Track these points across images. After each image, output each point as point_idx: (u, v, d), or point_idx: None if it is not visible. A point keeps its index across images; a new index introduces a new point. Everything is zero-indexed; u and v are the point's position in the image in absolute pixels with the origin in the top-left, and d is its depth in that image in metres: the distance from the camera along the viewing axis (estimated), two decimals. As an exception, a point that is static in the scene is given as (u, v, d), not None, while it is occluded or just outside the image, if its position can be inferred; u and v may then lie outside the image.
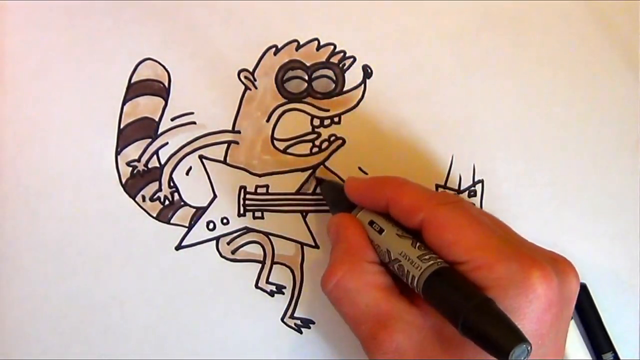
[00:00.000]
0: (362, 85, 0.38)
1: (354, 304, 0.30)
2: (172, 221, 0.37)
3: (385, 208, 0.32)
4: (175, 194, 0.37)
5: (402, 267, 0.30)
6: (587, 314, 0.38)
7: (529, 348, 0.25)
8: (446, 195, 0.31)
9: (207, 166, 0.37)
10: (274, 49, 0.37)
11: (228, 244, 0.37)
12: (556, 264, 0.30)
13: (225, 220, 0.37)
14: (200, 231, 0.37)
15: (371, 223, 0.32)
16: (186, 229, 0.37)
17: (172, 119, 0.37)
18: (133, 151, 0.37)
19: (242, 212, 0.37)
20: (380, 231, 0.31)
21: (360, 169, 0.38)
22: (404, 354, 0.29)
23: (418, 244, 0.30)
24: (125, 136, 0.37)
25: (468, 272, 0.28)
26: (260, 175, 0.37)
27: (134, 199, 0.37)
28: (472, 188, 0.38)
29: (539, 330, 0.28)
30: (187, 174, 0.37)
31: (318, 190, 0.37)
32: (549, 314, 0.28)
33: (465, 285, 0.28)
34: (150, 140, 0.37)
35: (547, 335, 0.28)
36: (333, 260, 0.32)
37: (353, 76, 0.38)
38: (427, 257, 0.29)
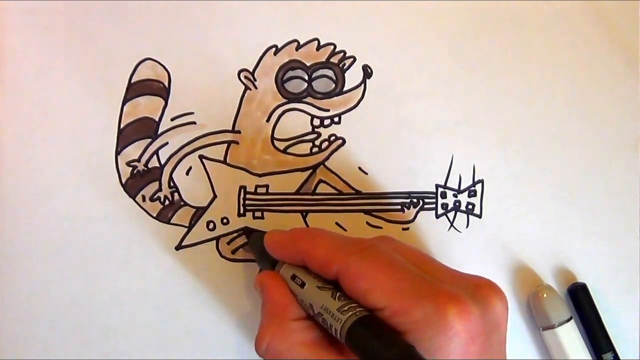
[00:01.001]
0: (362, 85, 0.38)
1: None
2: (172, 221, 0.37)
3: (304, 261, 0.32)
4: (175, 194, 0.37)
5: (325, 320, 0.30)
6: (587, 314, 0.38)
7: None
8: (359, 242, 0.31)
9: (207, 166, 0.37)
10: (274, 49, 0.37)
11: (228, 244, 0.37)
12: (477, 292, 0.29)
13: (225, 220, 0.37)
14: (200, 231, 0.37)
15: (293, 277, 0.32)
16: (186, 229, 0.37)
17: (172, 119, 0.37)
18: (133, 151, 0.37)
19: (242, 212, 0.37)
20: (302, 285, 0.31)
21: (360, 169, 0.38)
22: None
23: (338, 294, 0.30)
24: (125, 136, 0.37)
25: (387, 318, 0.28)
26: (260, 175, 0.37)
27: (134, 199, 0.37)
28: (472, 188, 0.38)
29: None
30: (187, 174, 0.37)
31: (318, 190, 0.37)
32: (474, 346, 0.28)
33: (385, 333, 0.28)
34: (150, 140, 0.37)
35: None
36: (261, 324, 0.32)
37: (353, 76, 0.38)
38: (346, 307, 0.29)
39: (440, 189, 0.38)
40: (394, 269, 0.30)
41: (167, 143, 0.37)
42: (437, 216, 0.38)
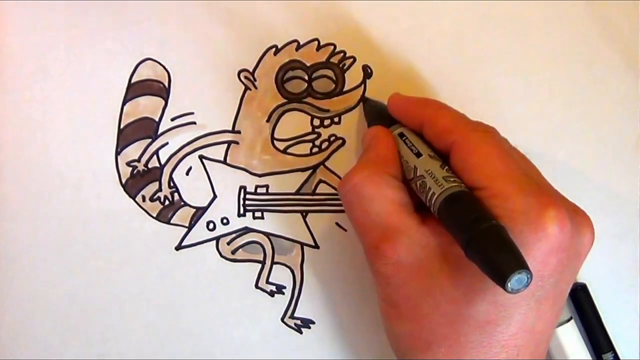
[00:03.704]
0: (362, 85, 0.38)
1: (365, 211, 0.30)
2: (172, 221, 0.37)
3: (421, 127, 0.32)
4: (175, 194, 0.37)
5: (424, 183, 0.30)
6: (587, 314, 0.38)
7: (529, 277, 0.25)
8: (481, 123, 0.31)
9: (207, 166, 0.37)
10: (274, 49, 0.37)
11: (228, 244, 0.37)
12: (575, 214, 0.29)
13: (225, 220, 0.37)
14: (200, 231, 0.37)
15: (405, 140, 0.32)
16: (186, 229, 0.37)
17: (172, 119, 0.37)
18: (133, 151, 0.37)
19: (242, 212, 0.37)
20: (412, 148, 0.32)
21: (360, 169, 0.38)
22: (404, 267, 0.29)
23: (446, 167, 0.30)
24: (125, 136, 0.37)
25: (485, 198, 0.28)
26: (260, 175, 0.37)
27: (134, 199, 0.37)
28: (472, 188, 0.38)
29: (540, 272, 0.28)
30: (187, 174, 0.37)
31: (318, 190, 0.37)
32: (555, 258, 0.28)
33: (480, 210, 0.28)
34: (150, 140, 0.37)
35: (547, 278, 0.28)
36: (356, 165, 0.32)
37: (353, 76, 0.38)
38: (452, 179, 0.29)
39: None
40: (508, 157, 0.30)
41: (167, 143, 0.37)
42: (437, 216, 0.38)
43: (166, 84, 0.37)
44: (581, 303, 0.38)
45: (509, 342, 0.28)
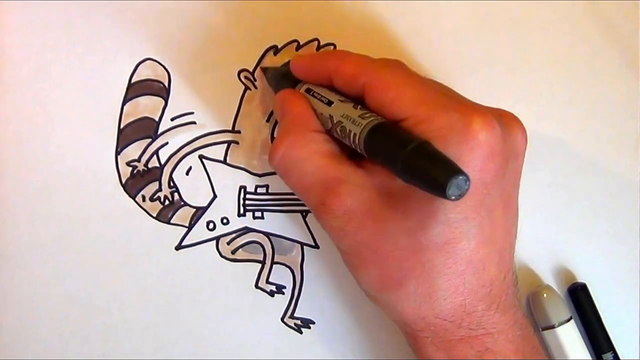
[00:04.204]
0: (362, 85, 0.38)
1: (301, 173, 0.31)
2: (172, 221, 0.37)
3: (329, 81, 0.32)
4: (175, 194, 0.37)
5: (344, 128, 0.30)
6: (587, 314, 0.38)
7: (467, 180, 0.24)
8: (387, 59, 0.32)
9: (207, 166, 0.37)
10: (274, 49, 0.37)
11: (228, 244, 0.37)
12: (501, 118, 0.30)
13: (225, 220, 0.37)
14: (200, 231, 0.37)
15: (313, 94, 0.32)
16: (186, 229, 0.37)
17: (172, 119, 0.37)
18: (133, 151, 0.37)
19: (242, 212, 0.37)
20: (322, 99, 0.32)
21: (360, 169, 0.38)
22: (354, 214, 0.29)
23: (359, 107, 0.30)
24: (125, 136, 0.37)
25: (411, 127, 0.28)
26: (260, 175, 0.37)
27: (134, 199, 0.37)
28: (472, 188, 0.38)
29: (482, 179, 0.28)
30: (187, 174, 0.37)
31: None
32: (492, 163, 0.28)
33: (403, 133, 0.28)
34: (150, 140, 0.37)
35: (491, 184, 0.28)
36: (278, 134, 0.32)
37: (353, 76, 0.38)
38: (367, 114, 0.29)
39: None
40: (423, 84, 0.30)
41: (167, 143, 0.37)
42: (437, 216, 0.38)
43: (166, 84, 0.37)
44: (581, 303, 0.38)
45: (472, 256, 0.29)
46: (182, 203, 0.37)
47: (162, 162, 0.37)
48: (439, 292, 0.29)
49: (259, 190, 0.37)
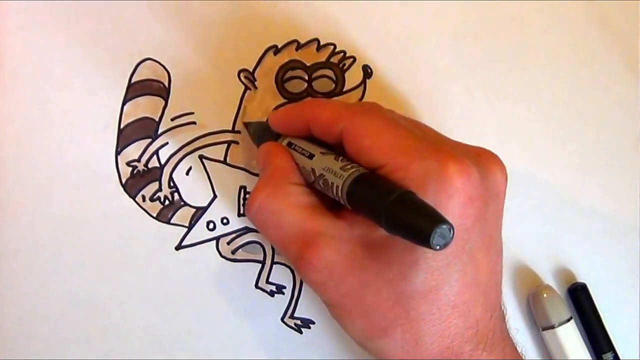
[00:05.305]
0: (362, 85, 0.38)
1: (279, 226, 0.30)
2: (172, 221, 0.37)
3: (308, 132, 0.32)
4: (175, 194, 0.37)
5: (326, 181, 0.30)
6: (587, 314, 0.38)
7: (451, 229, 0.24)
8: (363, 103, 0.32)
9: (207, 166, 0.37)
10: (274, 49, 0.37)
11: (228, 244, 0.37)
12: (479, 159, 0.30)
13: (225, 220, 0.37)
14: (200, 231, 0.37)
15: (295, 147, 0.32)
16: (186, 229, 0.37)
17: (172, 119, 0.37)
18: (133, 151, 0.37)
19: (242, 212, 0.37)
20: (303, 152, 0.32)
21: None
22: (334, 267, 0.29)
23: (340, 158, 0.30)
24: (125, 136, 0.37)
25: (388, 174, 0.28)
26: (260, 175, 0.37)
27: (134, 199, 0.37)
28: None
29: (462, 225, 0.28)
30: (187, 174, 0.37)
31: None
32: (471, 208, 0.28)
33: (385, 184, 0.28)
34: (150, 140, 0.37)
35: (472, 228, 0.28)
36: (257, 186, 0.32)
37: (353, 76, 0.38)
38: (349, 166, 0.29)
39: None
40: (398, 128, 0.30)
41: (167, 143, 0.37)
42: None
43: (166, 84, 0.37)
44: (581, 303, 0.38)
45: (456, 300, 0.29)
46: (182, 203, 0.37)
47: (162, 162, 0.37)
48: (425, 337, 0.29)
49: (259, 190, 0.37)
